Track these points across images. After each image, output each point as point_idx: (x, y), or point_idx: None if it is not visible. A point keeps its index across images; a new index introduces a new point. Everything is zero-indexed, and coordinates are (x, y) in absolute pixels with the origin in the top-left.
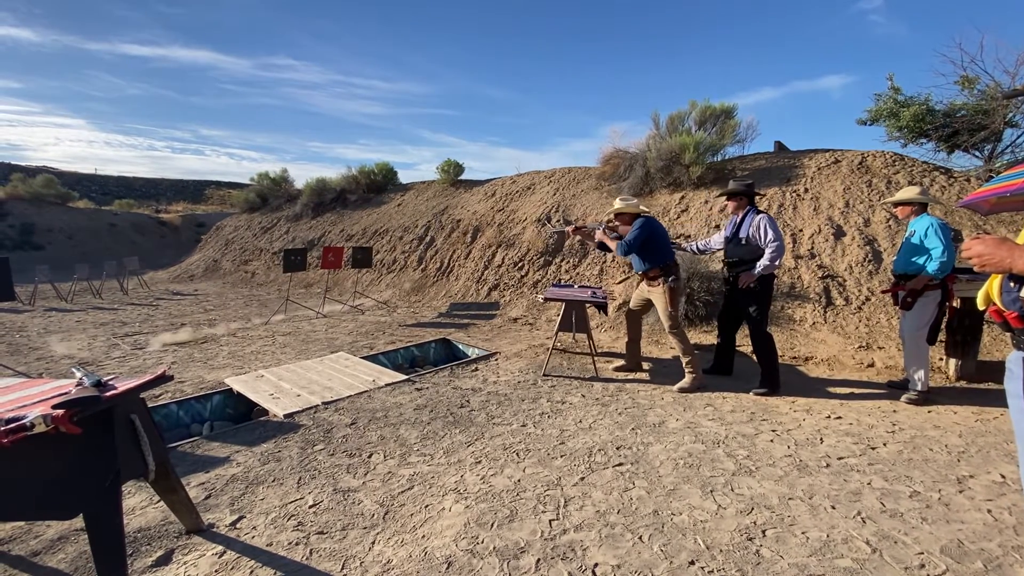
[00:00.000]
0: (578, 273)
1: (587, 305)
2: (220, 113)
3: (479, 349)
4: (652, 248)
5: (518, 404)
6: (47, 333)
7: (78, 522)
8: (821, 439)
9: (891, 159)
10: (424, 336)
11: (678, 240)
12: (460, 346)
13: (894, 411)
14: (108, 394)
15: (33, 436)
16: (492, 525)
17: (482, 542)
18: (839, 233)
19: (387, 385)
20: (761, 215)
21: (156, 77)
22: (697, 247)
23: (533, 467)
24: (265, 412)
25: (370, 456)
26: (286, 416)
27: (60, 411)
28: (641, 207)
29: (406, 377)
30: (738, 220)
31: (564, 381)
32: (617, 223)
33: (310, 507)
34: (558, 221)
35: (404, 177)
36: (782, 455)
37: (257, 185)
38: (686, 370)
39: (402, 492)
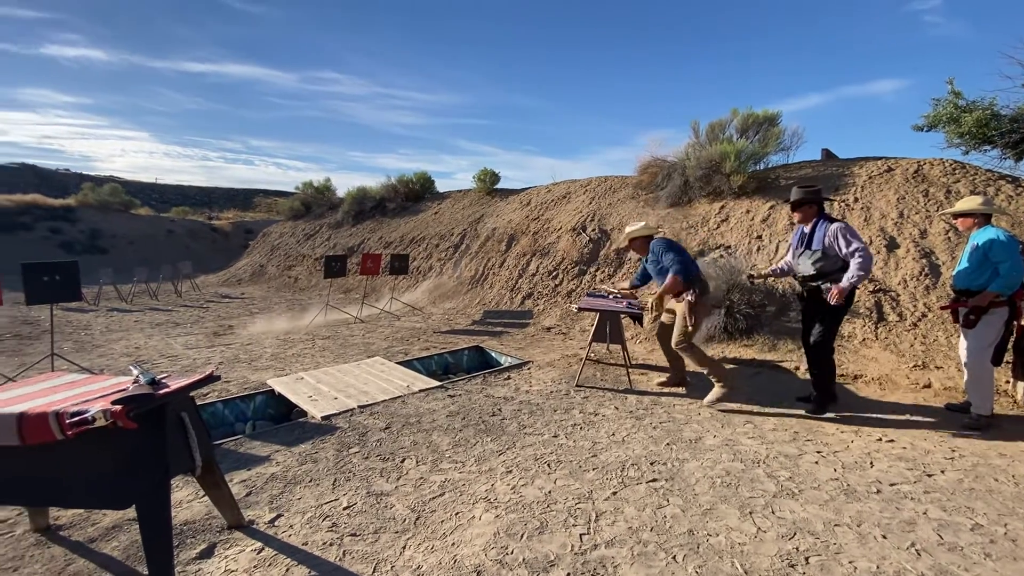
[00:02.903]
0: (613, 283)
1: (622, 316)
2: (269, 125)
3: (512, 358)
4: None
5: (550, 414)
6: (109, 332)
7: (131, 512)
8: (871, 463)
9: (951, 167)
10: (458, 343)
11: (754, 271)
12: (493, 354)
13: (953, 436)
14: (161, 392)
15: (94, 429)
16: (522, 536)
17: (511, 553)
18: (892, 245)
19: (421, 391)
20: (837, 223)
21: (211, 92)
22: (780, 269)
23: (564, 479)
24: (304, 413)
25: (403, 461)
26: (323, 418)
27: (118, 407)
28: (654, 229)
29: (439, 384)
30: (807, 231)
31: (597, 392)
32: (630, 248)
33: (344, 509)
34: (593, 230)
35: (441, 186)
36: (828, 478)
37: (301, 194)
38: (713, 381)
39: (433, 498)
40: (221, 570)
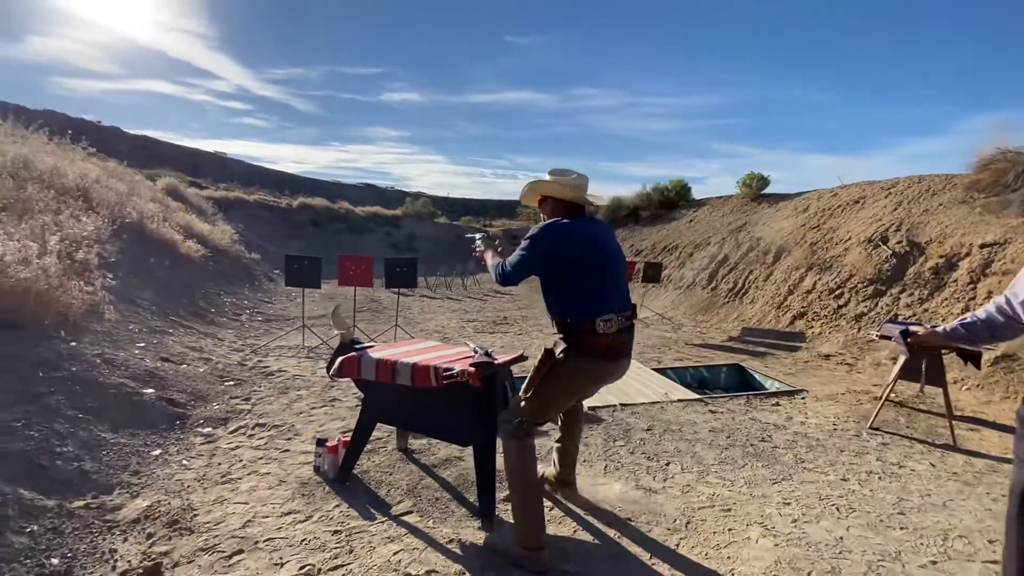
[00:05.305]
0: (926, 310)
1: (947, 352)
2: (532, 143)
3: (780, 383)
4: (565, 279)
5: (835, 454)
6: (423, 312)
7: (458, 449)
8: None
9: None
10: (712, 359)
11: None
12: (756, 376)
13: None
14: (498, 361)
15: (454, 383)
16: (809, 574)
17: None
18: None
19: (679, 400)
20: None
21: (490, 118)
22: (976, 324)
23: (860, 529)
24: None
25: (667, 464)
26: (590, 408)
27: (473, 368)
28: (588, 194)
29: (699, 396)
30: None
31: (901, 441)
32: (544, 216)
33: (617, 495)
34: (899, 242)
35: (692, 192)
36: None
37: None
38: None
39: (702, 508)
40: None
